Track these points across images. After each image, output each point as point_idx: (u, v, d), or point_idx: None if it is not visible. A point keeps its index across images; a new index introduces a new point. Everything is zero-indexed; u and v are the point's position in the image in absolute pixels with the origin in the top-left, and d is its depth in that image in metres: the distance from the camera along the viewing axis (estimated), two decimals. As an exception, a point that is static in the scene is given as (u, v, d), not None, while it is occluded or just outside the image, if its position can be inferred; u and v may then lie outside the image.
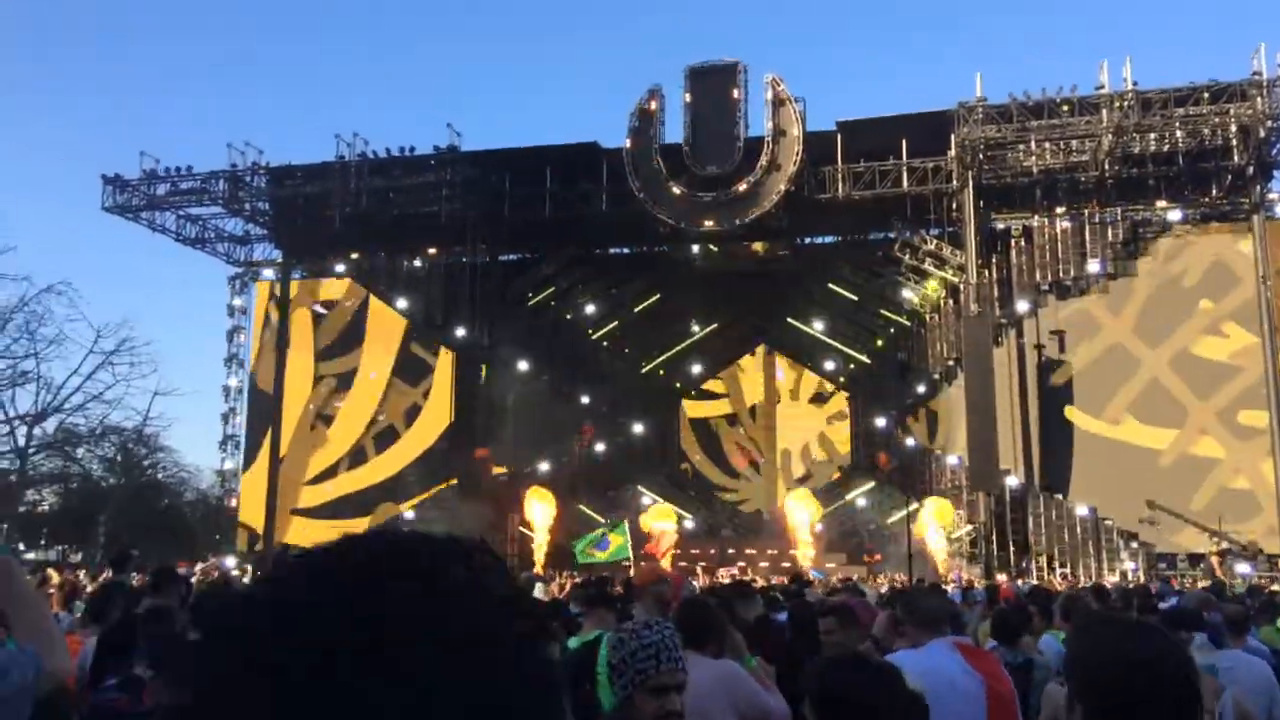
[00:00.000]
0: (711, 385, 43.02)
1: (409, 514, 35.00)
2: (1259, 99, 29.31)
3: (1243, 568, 28.06)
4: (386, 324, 37.55)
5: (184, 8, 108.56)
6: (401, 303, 37.05)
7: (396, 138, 55.26)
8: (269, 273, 39.93)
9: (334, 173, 36.03)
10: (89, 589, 11.76)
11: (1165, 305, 31.26)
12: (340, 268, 38.40)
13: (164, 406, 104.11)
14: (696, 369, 42.42)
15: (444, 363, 36.91)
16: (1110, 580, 26.38)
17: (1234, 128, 30.32)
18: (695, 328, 41.21)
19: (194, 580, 12.76)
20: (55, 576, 13.42)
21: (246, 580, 16.95)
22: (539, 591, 14.04)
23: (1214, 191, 31.96)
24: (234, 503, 39.05)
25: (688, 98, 33.89)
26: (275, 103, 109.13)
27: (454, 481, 35.27)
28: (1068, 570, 30.48)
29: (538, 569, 28.56)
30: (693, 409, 42.88)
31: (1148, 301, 31.56)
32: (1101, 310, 32.31)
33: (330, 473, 36.68)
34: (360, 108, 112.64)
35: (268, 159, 36.96)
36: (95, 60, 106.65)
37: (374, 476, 36.06)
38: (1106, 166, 31.66)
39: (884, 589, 15.28)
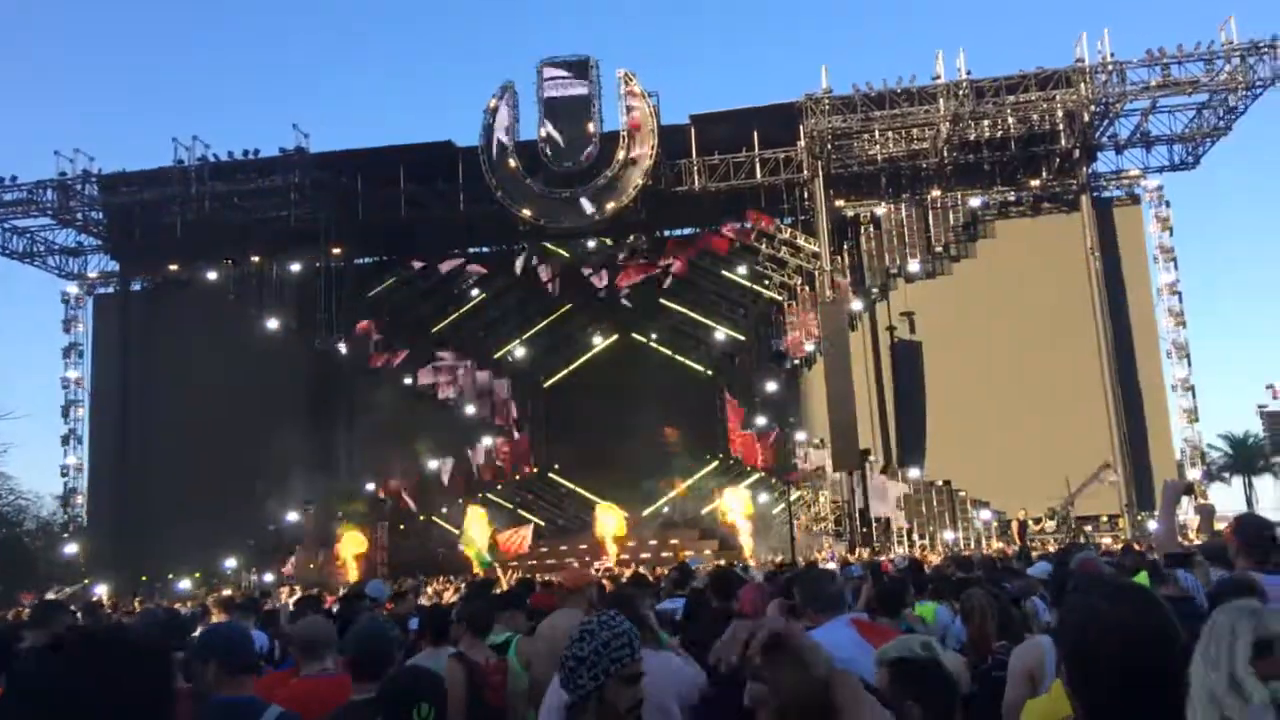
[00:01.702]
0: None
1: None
2: (1082, 85, 31.13)
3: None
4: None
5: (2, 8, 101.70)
6: (262, 312, 35.61)
7: (239, 141, 53.34)
8: (106, 286, 38.00)
9: (172, 178, 34.47)
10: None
11: (1004, 283, 32.79)
12: (183, 277, 36.75)
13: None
14: (557, 360, 42.31)
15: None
16: (968, 549, 27.69)
17: (1060, 113, 32.11)
18: (553, 319, 41.08)
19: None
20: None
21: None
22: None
23: (1044, 174, 33.77)
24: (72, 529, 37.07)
25: (542, 94, 33.82)
26: (106, 108, 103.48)
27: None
28: (926, 542, 31.80)
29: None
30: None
31: (988, 280, 33.06)
32: (947, 291, 33.71)
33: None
34: (198, 111, 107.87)
35: (99, 166, 35.21)
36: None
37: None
38: (945, 153, 33.07)
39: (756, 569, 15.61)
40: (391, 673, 4.10)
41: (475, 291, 37.90)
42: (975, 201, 34.03)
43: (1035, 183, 33.93)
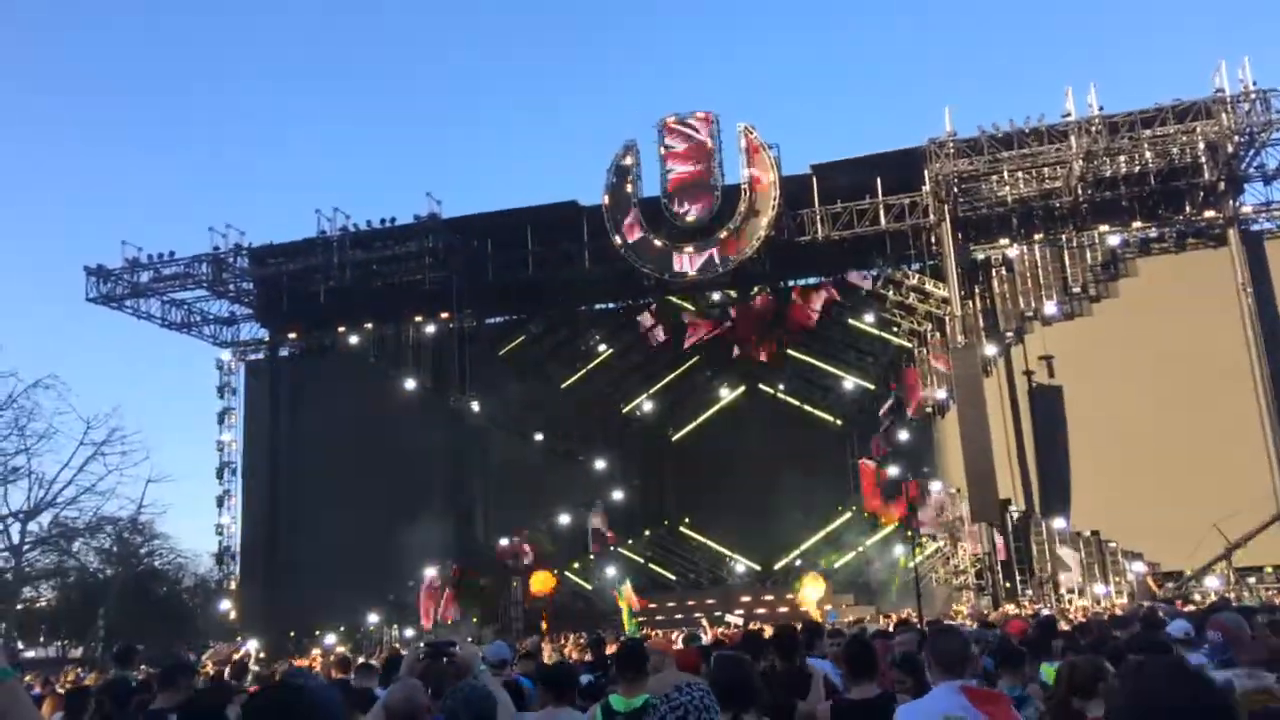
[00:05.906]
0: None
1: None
2: (1224, 115, 29.76)
3: (1212, 581, 28.36)
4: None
5: (153, 93, 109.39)
6: (400, 373, 36.88)
7: (377, 209, 55.80)
8: (257, 353, 40.02)
9: (316, 249, 36.19)
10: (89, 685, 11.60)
11: (1150, 322, 31.27)
12: (327, 341, 38.43)
13: (157, 493, 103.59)
14: (685, 414, 42.34)
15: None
16: (1120, 603, 26.36)
17: (1201, 145, 30.68)
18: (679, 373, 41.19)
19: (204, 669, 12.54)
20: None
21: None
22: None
23: (1187, 209, 32.30)
24: (233, 585, 38.72)
25: (663, 150, 34.27)
26: (255, 183, 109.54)
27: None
28: (1075, 595, 30.35)
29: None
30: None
31: (1132, 320, 31.63)
32: (1088, 333, 32.42)
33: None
34: (339, 183, 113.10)
35: (249, 239, 37.24)
36: (71, 148, 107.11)
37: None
38: (1080, 191, 31.99)
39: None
40: None
41: (602, 347, 38.35)
42: (1114, 239, 32.78)
43: (1179, 218, 32.51)
